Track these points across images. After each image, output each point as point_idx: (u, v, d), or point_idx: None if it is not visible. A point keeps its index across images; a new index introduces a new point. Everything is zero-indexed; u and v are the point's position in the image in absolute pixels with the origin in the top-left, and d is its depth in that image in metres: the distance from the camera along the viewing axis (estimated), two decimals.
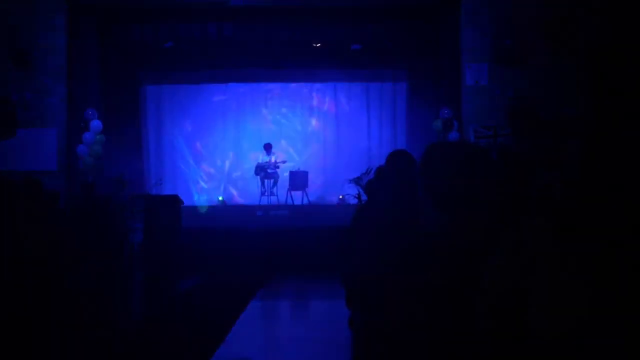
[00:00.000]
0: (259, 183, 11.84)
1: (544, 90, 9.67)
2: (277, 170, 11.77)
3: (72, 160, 9.87)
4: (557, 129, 9.32)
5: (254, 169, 11.90)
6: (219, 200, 12.05)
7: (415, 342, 1.60)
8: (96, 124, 9.95)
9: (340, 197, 11.72)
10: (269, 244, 9.77)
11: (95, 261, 7.34)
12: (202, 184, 12.68)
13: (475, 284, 1.21)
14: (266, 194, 11.71)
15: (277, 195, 11.72)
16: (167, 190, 11.66)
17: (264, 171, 11.72)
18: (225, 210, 11.36)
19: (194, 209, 10.74)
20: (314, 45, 11.33)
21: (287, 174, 11.89)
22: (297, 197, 11.75)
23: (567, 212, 1.02)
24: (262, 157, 11.85)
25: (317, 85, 12.84)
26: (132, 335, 5.19)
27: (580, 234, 0.99)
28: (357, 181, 10.94)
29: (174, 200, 9.75)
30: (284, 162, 11.94)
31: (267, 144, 11.89)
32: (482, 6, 9.90)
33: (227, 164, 12.80)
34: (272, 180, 11.73)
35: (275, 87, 12.84)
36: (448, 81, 10.29)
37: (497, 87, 9.88)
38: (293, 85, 12.85)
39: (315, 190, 12.23)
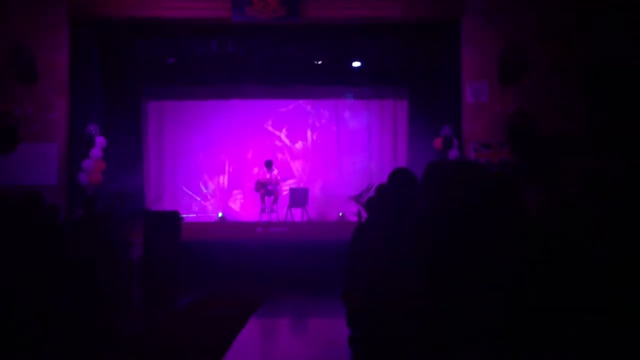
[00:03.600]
0: (260, 199, 11.83)
1: (544, 108, 9.71)
2: (278, 186, 11.77)
3: (73, 175, 9.88)
4: (557, 147, 9.35)
5: (254, 185, 11.90)
6: (218, 217, 12.04)
7: None
8: (101, 139, 10.00)
9: (340, 214, 11.71)
10: (269, 260, 9.73)
11: (94, 276, 7.31)
12: (203, 199, 12.67)
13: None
14: (266, 210, 11.69)
15: (277, 212, 11.71)
16: (168, 205, 11.65)
17: (265, 188, 11.71)
18: (225, 226, 11.35)
19: (193, 225, 10.72)
20: (316, 62, 11.40)
21: (286, 192, 11.89)
22: (297, 214, 11.74)
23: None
24: (262, 174, 11.86)
25: (319, 102, 12.90)
26: (131, 351, 5.15)
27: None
28: (357, 199, 10.93)
29: (174, 216, 9.75)
30: (284, 179, 11.95)
31: (268, 160, 11.90)
32: (482, 25, 9.98)
33: (228, 180, 12.82)
34: (272, 197, 11.73)
35: (276, 103, 12.89)
36: (449, 99, 10.32)
37: (497, 104, 9.92)
38: (294, 101, 12.89)
39: (315, 207, 12.22)
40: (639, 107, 9.00)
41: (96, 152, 9.96)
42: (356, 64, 11.42)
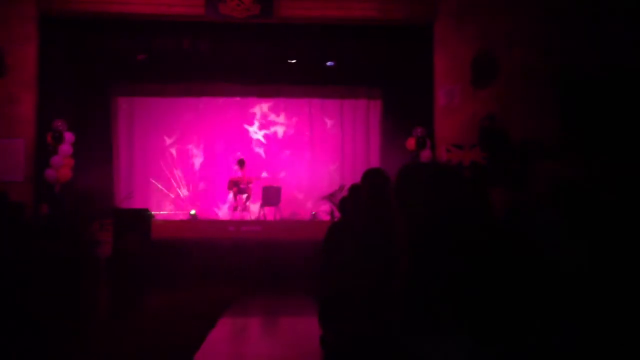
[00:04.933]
0: (232, 198, 11.77)
1: (515, 112, 9.86)
2: (250, 185, 11.73)
3: (40, 171, 9.70)
4: (527, 151, 9.51)
5: (226, 183, 11.84)
6: (190, 214, 11.94)
7: None
8: (70, 135, 9.83)
9: (313, 213, 11.72)
10: (241, 259, 9.69)
11: (61, 275, 7.18)
12: (174, 197, 12.54)
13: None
14: (238, 209, 11.65)
15: (249, 211, 11.67)
16: (138, 203, 11.51)
17: (237, 186, 11.66)
18: (196, 225, 11.26)
19: (164, 222, 10.61)
20: (289, 61, 11.37)
21: (261, 188, 11.87)
22: (270, 212, 11.71)
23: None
24: (235, 172, 11.81)
25: (292, 101, 12.87)
26: (99, 350, 5.08)
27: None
28: (330, 198, 10.96)
29: (144, 213, 9.63)
30: (257, 177, 11.92)
31: (241, 159, 11.85)
32: (455, 29, 10.08)
33: (200, 178, 12.70)
34: (244, 196, 11.69)
35: (249, 102, 12.83)
36: (422, 100, 10.41)
37: (470, 107, 10.03)
38: (267, 100, 12.85)
39: (288, 206, 12.21)
40: (609, 114, 9.19)
41: (65, 147, 9.79)
42: (330, 63, 11.44)
